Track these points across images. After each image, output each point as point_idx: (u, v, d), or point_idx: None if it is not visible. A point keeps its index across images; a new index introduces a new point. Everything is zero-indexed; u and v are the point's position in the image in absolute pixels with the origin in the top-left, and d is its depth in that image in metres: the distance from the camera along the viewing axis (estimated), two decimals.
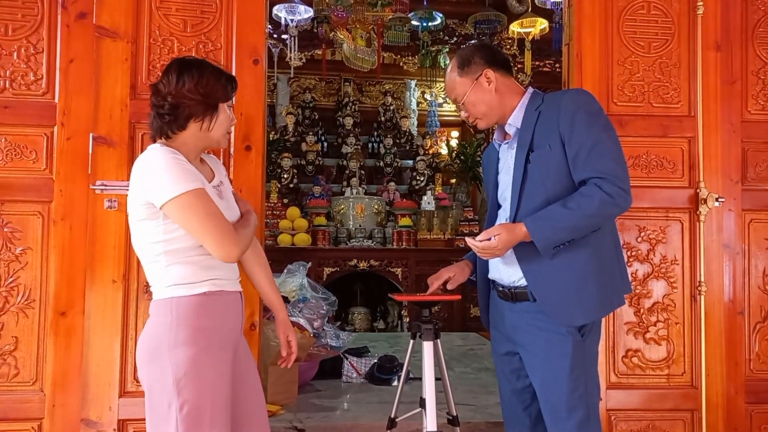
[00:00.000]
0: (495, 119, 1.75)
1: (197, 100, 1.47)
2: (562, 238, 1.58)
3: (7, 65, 2.17)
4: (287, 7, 5.50)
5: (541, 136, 1.64)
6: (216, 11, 2.26)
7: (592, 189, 1.56)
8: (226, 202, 1.57)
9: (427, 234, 6.29)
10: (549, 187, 1.62)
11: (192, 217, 1.40)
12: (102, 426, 2.13)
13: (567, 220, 1.55)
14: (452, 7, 6.99)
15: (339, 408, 3.06)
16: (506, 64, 1.76)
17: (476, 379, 3.66)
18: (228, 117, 1.55)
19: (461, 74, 1.72)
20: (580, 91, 1.77)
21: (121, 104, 2.19)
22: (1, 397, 2.12)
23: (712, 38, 2.38)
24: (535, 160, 1.64)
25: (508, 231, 1.59)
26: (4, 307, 2.14)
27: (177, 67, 1.49)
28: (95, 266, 2.15)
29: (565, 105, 1.63)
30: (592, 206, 1.55)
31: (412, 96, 7.86)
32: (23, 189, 2.16)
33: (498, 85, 1.70)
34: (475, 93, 1.71)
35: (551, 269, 1.61)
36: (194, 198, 1.40)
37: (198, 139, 1.51)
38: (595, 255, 1.62)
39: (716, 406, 2.33)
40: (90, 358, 2.14)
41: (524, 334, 1.69)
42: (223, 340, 1.50)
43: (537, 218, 1.59)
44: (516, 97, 1.73)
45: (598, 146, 1.58)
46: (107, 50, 2.19)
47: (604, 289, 1.64)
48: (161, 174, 1.40)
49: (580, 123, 1.59)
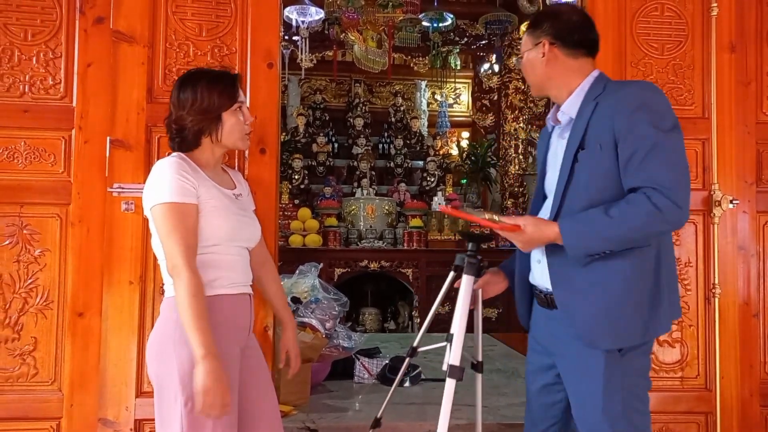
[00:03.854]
0: (543, 94, 1.62)
1: (198, 118, 1.52)
2: (598, 249, 1.42)
3: (27, 70, 2.20)
4: (298, 8, 5.53)
5: (593, 133, 1.47)
6: (231, 16, 2.28)
7: (639, 198, 1.38)
8: (245, 212, 1.61)
9: (437, 235, 6.29)
10: (593, 195, 1.45)
11: (163, 226, 1.44)
12: (119, 426, 2.16)
13: (606, 229, 1.39)
14: (463, 8, 6.99)
15: (351, 408, 3.08)
16: (581, 42, 1.55)
17: (488, 381, 3.66)
18: (238, 122, 1.56)
19: (528, 32, 1.60)
20: (643, 85, 1.55)
21: (137, 108, 2.21)
22: (20, 396, 2.15)
23: (727, 39, 2.38)
24: (583, 160, 1.47)
25: (536, 226, 1.45)
26: (23, 308, 2.17)
27: (176, 89, 1.56)
28: (112, 268, 2.18)
29: (623, 100, 1.44)
30: (636, 218, 1.37)
31: (422, 97, 7.87)
32: (42, 192, 2.19)
33: (556, 62, 1.55)
34: (529, 58, 1.59)
35: (584, 283, 1.45)
36: (172, 210, 1.44)
37: (213, 149, 1.58)
38: (638, 273, 1.44)
39: (730, 409, 2.32)
40: (107, 358, 2.17)
41: (560, 343, 1.56)
42: (228, 339, 1.51)
43: (572, 221, 1.44)
44: (577, 79, 1.55)
45: (655, 151, 1.38)
46: (124, 54, 2.22)
47: (644, 314, 1.45)
48: (156, 182, 1.47)
49: (637, 122, 1.41)
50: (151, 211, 1.48)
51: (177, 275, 1.42)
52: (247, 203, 1.67)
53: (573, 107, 1.54)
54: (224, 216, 1.53)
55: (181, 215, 1.44)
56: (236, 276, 1.57)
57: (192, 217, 1.46)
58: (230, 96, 1.55)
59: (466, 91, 8.19)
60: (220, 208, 1.53)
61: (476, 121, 7.96)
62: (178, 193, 1.45)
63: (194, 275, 1.42)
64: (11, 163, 2.18)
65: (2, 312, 2.16)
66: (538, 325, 1.66)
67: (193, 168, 1.51)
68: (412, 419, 2.92)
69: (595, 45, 1.59)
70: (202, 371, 1.36)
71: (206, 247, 1.51)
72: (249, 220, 1.62)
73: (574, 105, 1.54)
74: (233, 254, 1.57)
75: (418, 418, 2.92)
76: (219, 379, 1.37)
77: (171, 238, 1.43)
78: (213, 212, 1.51)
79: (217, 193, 1.55)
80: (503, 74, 7.46)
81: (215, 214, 1.51)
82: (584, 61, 1.56)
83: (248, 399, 1.58)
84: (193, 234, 1.46)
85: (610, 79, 1.56)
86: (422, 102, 7.86)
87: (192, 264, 1.43)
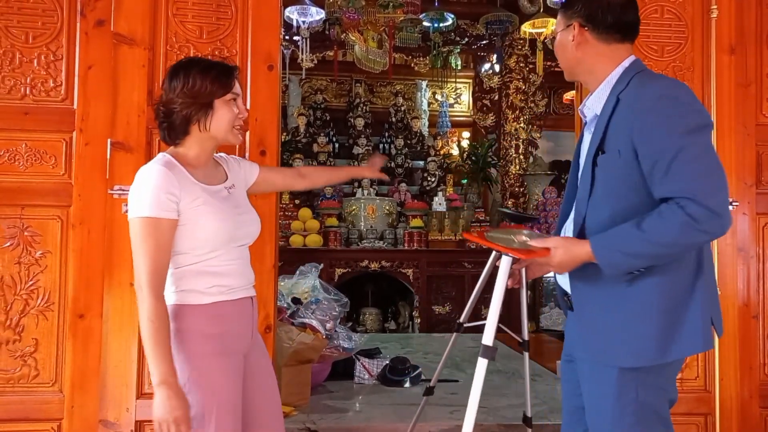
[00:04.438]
0: (574, 78, 1.54)
1: (187, 102, 1.45)
2: (634, 265, 1.32)
3: (28, 72, 2.21)
4: (299, 9, 5.54)
5: (613, 135, 1.37)
6: (231, 18, 2.29)
7: (672, 210, 1.26)
8: (240, 207, 1.56)
9: (438, 235, 6.30)
10: (614, 202, 1.37)
11: (135, 239, 1.40)
12: (120, 427, 2.17)
13: (639, 246, 1.28)
14: (463, 8, 6.99)
15: (351, 409, 3.08)
16: (614, 26, 1.43)
17: (488, 381, 3.64)
18: (229, 112, 1.49)
19: (560, 12, 1.51)
20: (663, 84, 1.37)
21: (138, 110, 2.22)
22: (22, 397, 2.16)
23: (726, 41, 2.38)
24: (602, 165, 1.38)
25: (566, 248, 1.36)
26: (24, 309, 2.18)
27: (168, 74, 1.50)
28: (113, 270, 2.19)
29: (641, 102, 1.33)
30: (669, 231, 1.26)
31: (423, 97, 7.87)
32: (43, 193, 2.20)
33: (586, 47, 1.45)
34: (560, 40, 1.50)
35: (602, 291, 1.37)
36: (147, 225, 1.39)
37: (203, 141, 1.50)
38: (665, 287, 1.34)
39: (730, 411, 2.32)
40: (108, 360, 2.18)
41: (578, 349, 1.50)
42: (231, 346, 1.49)
43: (605, 238, 1.33)
44: (608, 67, 1.44)
45: (681, 156, 1.26)
46: (125, 57, 2.22)
47: (669, 332, 1.33)
48: (138, 190, 1.42)
49: (657, 125, 1.29)
50: (129, 222, 1.44)
51: (140, 295, 1.38)
52: (241, 195, 1.61)
53: (598, 103, 1.44)
54: (220, 217, 1.48)
55: (154, 230, 1.39)
56: (236, 281, 1.53)
57: (167, 234, 1.41)
58: (223, 84, 1.48)
59: (466, 91, 8.20)
60: (212, 211, 1.47)
61: (477, 121, 7.96)
62: (156, 207, 1.39)
63: (155, 299, 1.37)
64: (12, 165, 2.19)
65: (3, 314, 2.16)
66: (568, 325, 1.60)
67: (179, 175, 1.44)
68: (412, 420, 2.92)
69: (633, 28, 1.46)
70: (158, 401, 1.34)
71: (204, 254, 1.47)
72: (246, 216, 1.57)
73: (599, 100, 1.44)
74: (234, 258, 1.53)
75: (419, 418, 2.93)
76: (173, 407, 1.33)
77: (140, 255, 1.39)
78: (206, 215, 1.45)
79: (206, 197, 1.48)
80: (504, 74, 7.46)
81: (210, 217, 1.46)
82: (617, 47, 1.44)
83: (252, 403, 1.57)
84: (163, 252, 1.40)
85: (643, 68, 1.44)
86: (423, 102, 7.86)
87: (156, 287, 1.38)
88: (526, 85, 7.36)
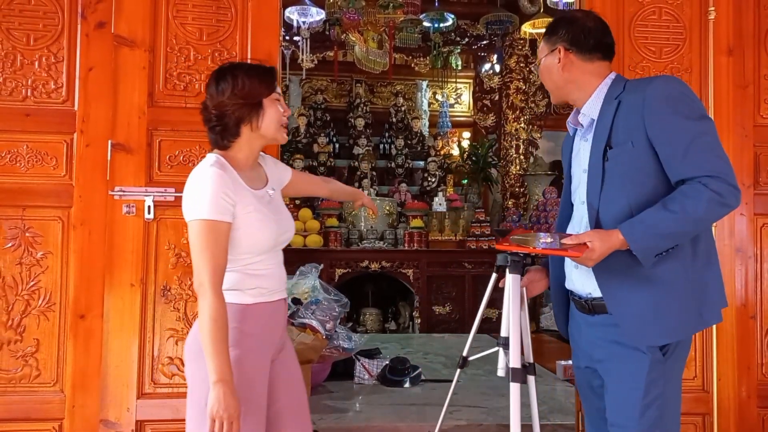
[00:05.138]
0: (562, 99, 1.64)
1: (239, 103, 1.50)
2: (665, 246, 1.42)
3: (29, 74, 2.22)
4: (299, 9, 5.55)
5: (621, 131, 1.47)
6: (231, 20, 2.30)
7: (696, 188, 1.38)
8: (275, 207, 1.60)
9: (438, 235, 6.31)
10: (630, 190, 1.46)
11: (196, 242, 1.44)
12: (120, 427, 2.18)
13: (670, 225, 1.38)
14: (463, 8, 7.01)
15: (351, 409, 3.10)
16: (596, 47, 1.56)
17: (488, 381, 3.68)
18: (277, 110, 1.54)
19: (544, 39, 1.62)
20: (669, 79, 1.54)
21: (138, 112, 2.23)
22: (23, 397, 2.17)
23: (724, 43, 2.39)
24: (614, 159, 1.47)
25: (602, 239, 1.41)
26: (25, 310, 2.19)
27: (213, 79, 1.54)
28: (113, 270, 2.20)
29: (652, 96, 1.44)
30: (699, 208, 1.37)
31: (423, 97, 7.89)
32: (44, 195, 2.21)
33: (572, 67, 1.57)
34: (546, 64, 1.61)
35: (631, 280, 1.45)
36: (208, 228, 1.43)
37: (252, 141, 1.55)
38: (685, 264, 1.45)
39: (728, 411, 2.33)
40: (108, 360, 2.19)
41: (601, 350, 1.54)
42: (264, 345, 1.54)
43: (634, 224, 1.41)
44: (595, 82, 1.57)
45: (697, 141, 1.40)
46: (125, 59, 2.24)
47: (693, 305, 1.46)
48: (196, 194, 1.46)
49: (671, 116, 1.42)
50: (188, 224, 1.47)
51: (201, 295, 1.42)
52: (279, 198, 1.66)
53: (594, 108, 1.56)
54: (267, 225, 1.53)
55: (214, 233, 1.44)
56: (274, 283, 1.58)
57: (225, 236, 1.46)
58: (268, 84, 1.54)
59: (467, 91, 8.21)
60: (260, 219, 1.52)
61: (477, 121, 7.97)
62: (215, 211, 1.44)
63: (218, 299, 1.42)
64: (14, 167, 2.20)
65: (5, 314, 2.18)
66: (579, 331, 1.63)
67: (232, 178, 1.49)
68: (412, 420, 2.94)
69: (611, 49, 1.60)
70: (213, 397, 1.37)
71: (247, 258, 1.51)
72: (286, 222, 1.62)
73: (594, 106, 1.56)
74: (273, 261, 1.59)
75: (418, 419, 2.94)
76: (228, 405, 1.37)
77: (202, 257, 1.43)
78: (255, 224, 1.50)
79: (256, 203, 1.52)
80: (504, 74, 7.47)
81: (258, 226, 1.51)
82: (600, 64, 1.58)
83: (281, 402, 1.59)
84: (222, 254, 1.45)
85: (627, 79, 1.58)
86: (423, 102, 7.88)
87: (217, 287, 1.43)
88: (526, 85, 7.37)
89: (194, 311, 2.24)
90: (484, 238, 6.30)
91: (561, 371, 3.83)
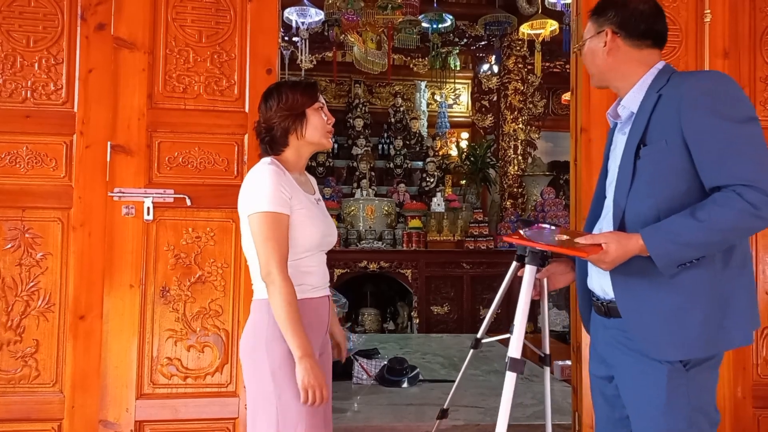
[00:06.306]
0: (603, 84, 1.54)
1: (284, 115, 1.64)
2: (688, 256, 1.30)
3: (29, 76, 2.23)
4: (298, 10, 5.55)
5: (657, 128, 1.37)
6: (230, 22, 2.31)
7: (729, 197, 1.26)
8: (323, 210, 1.73)
9: (436, 236, 6.32)
10: (658, 192, 1.36)
11: (260, 234, 1.54)
12: (120, 427, 2.19)
13: (695, 235, 1.27)
14: (462, 9, 7.02)
15: (349, 410, 3.11)
16: (646, 33, 1.45)
17: (485, 381, 3.69)
18: (320, 118, 1.67)
19: (591, 19, 1.52)
20: (712, 75, 1.44)
21: (138, 113, 2.24)
22: (22, 398, 2.18)
23: (720, 45, 2.40)
24: (646, 157, 1.37)
25: (619, 242, 1.31)
26: (25, 310, 2.20)
27: (263, 99, 1.70)
28: (113, 271, 2.21)
29: (690, 91, 1.33)
30: (728, 218, 1.26)
31: (422, 97, 7.90)
32: (44, 196, 2.22)
33: (618, 53, 1.46)
34: (590, 47, 1.51)
35: (650, 286, 1.34)
36: (271, 219, 1.54)
37: (300, 149, 1.68)
38: (713, 273, 1.33)
39: (724, 411, 2.33)
40: (108, 360, 2.20)
41: (617, 355, 1.45)
42: (313, 339, 1.61)
43: (657, 230, 1.31)
44: (639, 71, 1.46)
45: (735, 146, 1.28)
46: (125, 61, 2.25)
47: (718, 319, 1.32)
48: (257, 189, 1.56)
49: (708, 116, 1.30)
50: (249, 218, 1.57)
51: (272, 282, 1.52)
52: (324, 207, 1.77)
53: (634, 101, 1.45)
54: (315, 224, 1.63)
55: (277, 224, 1.54)
56: (319, 279, 1.68)
57: (286, 227, 1.56)
58: (311, 95, 1.67)
59: (465, 91, 8.22)
60: (310, 217, 1.62)
61: (476, 121, 7.99)
62: (275, 203, 1.54)
63: (288, 283, 1.52)
64: (13, 168, 2.21)
65: (4, 315, 2.19)
66: (597, 333, 1.56)
67: (286, 175, 1.60)
68: (410, 420, 2.95)
69: (663, 37, 1.49)
70: (302, 370, 1.49)
71: (299, 254, 1.61)
72: (331, 225, 1.73)
73: (635, 98, 1.45)
74: (319, 260, 1.69)
75: (416, 418, 2.96)
76: (316, 375, 1.49)
77: (267, 246, 1.53)
78: (306, 221, 1.60)
79: (306, 201, 1.64)
80: (502, 75, 7.48)
81: (308, 223, 1.61)
82: (649, 52, 1.47)
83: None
84: (285, 242, 1.56)
85: (676, 70, 1.47)
86: (422, 103, 7.89)
87: (285, 272, 1.53)
88: (524, 86, 7.39)
89: (193, 312, 2.25)
90: (483, 239, 6.32)
91: (558, 371, 3.84)
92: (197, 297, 2.26)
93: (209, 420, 2.24)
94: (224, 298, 2.27)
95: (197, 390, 2.25)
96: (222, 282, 2.27)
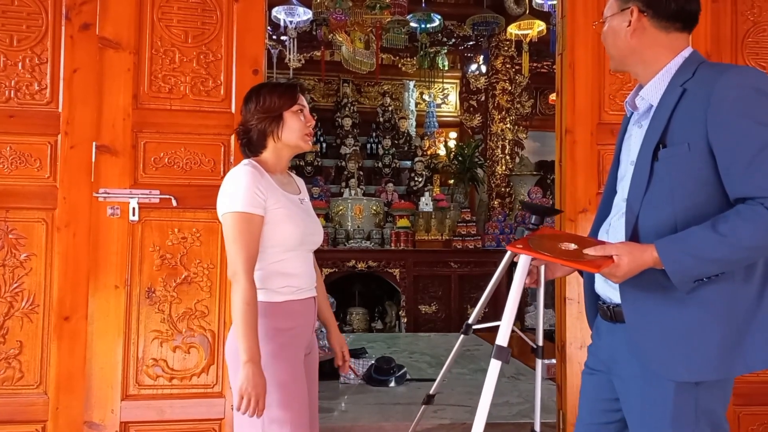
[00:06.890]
0: (623, 68, 1.39)
1: (261, 117, 1.65)
2: (706, 272, 1.18)
3: (12, 75, 2.21)
4: (286, 9, 5.55)
5: (679, 127, 1.24)
6: (217, 23, 2.30)
7: (756, 211, 1.14)
8: (306, 210, 1.73)
9: (425, 235, 6.34)
10: (678, 200, 1.23)
11: (229, 233, 1.55)
12: (104, 428, 2.18)
13: (715, 250, 1.15)
14: (450, 9, 7.04)
15: (337, 409, 3.12)
16: (677, 14, 1.30)
17: (473, 380, 3.71)
18: (298, 121, 1.67)
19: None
20: (746, 72, 1.25)
21: (123, 114, 2.23)
22: (6, 400, 2.16)
23: (702, 49, 2.42)
24: (665, 159, 1.24)
25: (632, 255, 1.20)
26: (8, 312, 2.18)
27: (244, 101, 1.70)
28: (98, 272, 2.20)
29: (722, 90, 1.19)
30: (754, 234, 1.14)
31: (410, 97, 7.91)
32: (28, 196, 2.20)
33: (643, 35, 1.31)
34: (612, 25, 1.36)
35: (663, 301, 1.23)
36: (241, 219, 1.54)
37: (278, 150, 1.68)
38: (734, 287, 1.21)
39: None
40: (93, 361, 2.19)
41: (621, 363, 1.34)
42: (296, 341, 1.63)
43: (673, 242, 1.19)
44: (664, 58, 1.31)
45: (766, 152, 1.15)
46: (110, 61, 2.23)
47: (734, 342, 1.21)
48: (230, 189, 1.57)
49: (739, 118, 1.17)
50: (222, 218, 1.58)
51: (236, 282, 1.52)
52: (310, 207, 1.78)
53: (655, 93, 1.31)
54: (295, 222, 1.62)
55: (247, 225, 1.54)
56: (303, 281, 1.67)
57: (257, 228, 1.56)
58: (290, 97, 1.66)
59: (453, 91, 8.25)
60: (289, 215, 1.62)
61: (464, 121, 8.02)
62: (247, 204, 1.54)
63: (250, 285, 1.52)
64: None
65: None
66: (600, 334, 1.45)
67: (264, 176, 1.60)
68: (398, 419, 2.97)
69: (694, 18, 1.33)
70: (243, 376, 1.47)
71: (278, 254, 1.61)
72: (314, 225, 1.72)
73: (656, 90, 1.31)
74: (302, 260, 1.68)
75: (404, 418, 2.97)
76: (256, 384, 1.47)
77: (235, 246, 1.54)
78: (284, 219, 1.60)
79: (286, 201, 1.63)
80: (490, 75, 7.52)
81: (286, 221, 1.60)
82: (677, 36, 1.31)
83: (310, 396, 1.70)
84: (255, 244, 1.56)
85: (705, 60, 1.32)
86: (410, 102, 7.91)
87: (250, 274, 1.53)
88: (512, 86, 7.43)
89: (178, 313, 2.25)
90: (470, 238, 6.34)
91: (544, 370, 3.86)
92: (183, 298, 2.25)
93: (195, 421, 2.24)
94: (210, 298, 2.27)
95: (183, 391, 2.24)
96: (208, 283, 2.27)
